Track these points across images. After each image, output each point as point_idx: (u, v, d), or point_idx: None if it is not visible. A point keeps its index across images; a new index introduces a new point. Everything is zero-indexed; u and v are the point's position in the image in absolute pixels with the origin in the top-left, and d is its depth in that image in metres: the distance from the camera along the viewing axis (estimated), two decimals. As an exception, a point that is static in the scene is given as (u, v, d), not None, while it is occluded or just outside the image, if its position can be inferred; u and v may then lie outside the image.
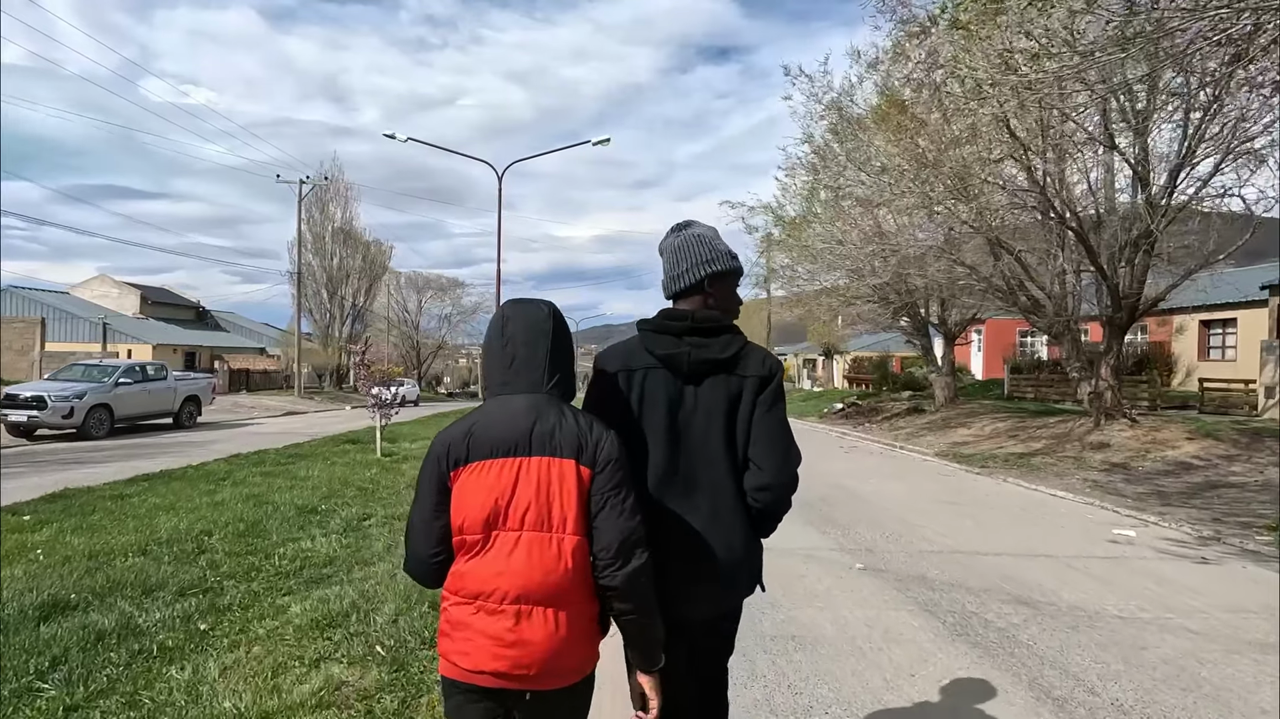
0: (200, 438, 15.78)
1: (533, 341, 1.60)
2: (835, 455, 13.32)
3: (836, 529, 6.67)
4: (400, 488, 7.55)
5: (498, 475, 1.49)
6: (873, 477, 10.43)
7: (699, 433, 1.77)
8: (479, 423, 1.54)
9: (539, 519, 1.48)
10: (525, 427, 1.51)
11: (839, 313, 19.03)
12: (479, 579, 1.48)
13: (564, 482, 1.49)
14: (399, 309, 56.30)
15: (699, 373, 1.78)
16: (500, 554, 1.47)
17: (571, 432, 1.52)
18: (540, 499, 1.48)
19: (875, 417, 20.87)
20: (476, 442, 1.51)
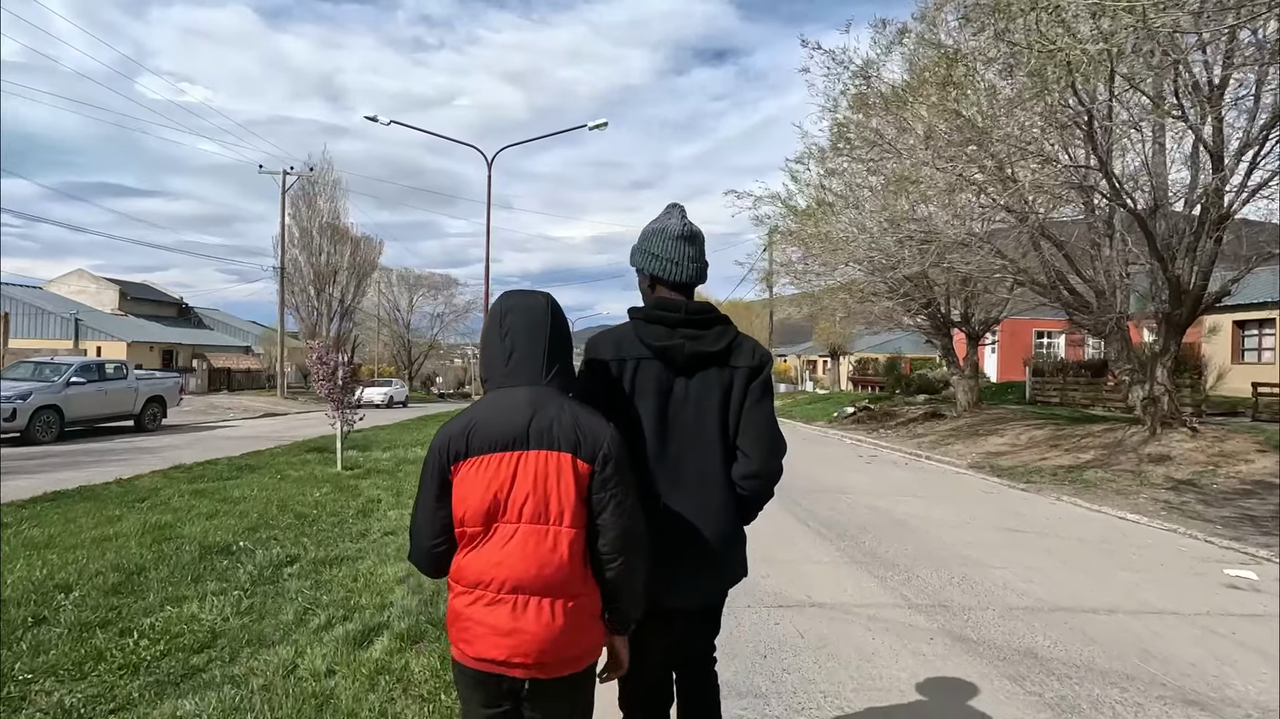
0: (158, 443, 14.36)
1: (532, 334, 1.61)
2: (856, 467, 11.97)
3: (893, 572, 5.31)
4: (349, 515, 6.16)
5: (497, 469, 1.51)
6: (908, 495, 9.07)
7: (690, 423, 1.80)
8: (479, 417, 1.56)
9: (536, 511, 1.51)
10: (524, 420, 1.53)
11: (854, 311, 17.65)
12: (477, 569, 1.52)
13: (561, 475, 1.52)
14: (390, 308, 54.82)
15: (693, 365, 1.80)
16: (497, 545, 1.51)
17: (570, 425, 1.54)
18: (538, 492, 1.51)
19: (889, 422, 19.55)
20: (476, 436, 1.53)
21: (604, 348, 1.81)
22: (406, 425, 18.67)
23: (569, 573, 1.51)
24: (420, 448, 12.20)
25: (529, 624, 1.49)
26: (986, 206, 11.08)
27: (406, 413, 29.29)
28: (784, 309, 25.09)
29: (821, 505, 8.05)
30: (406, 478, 8.26)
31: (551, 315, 1.64)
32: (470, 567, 1.53)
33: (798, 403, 29.48)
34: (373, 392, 34.75)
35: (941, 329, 17.52)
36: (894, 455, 14.04)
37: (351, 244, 44.13)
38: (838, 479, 10.37)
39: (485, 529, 1.51)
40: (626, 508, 1.55)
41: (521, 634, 1.49)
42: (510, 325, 1.62)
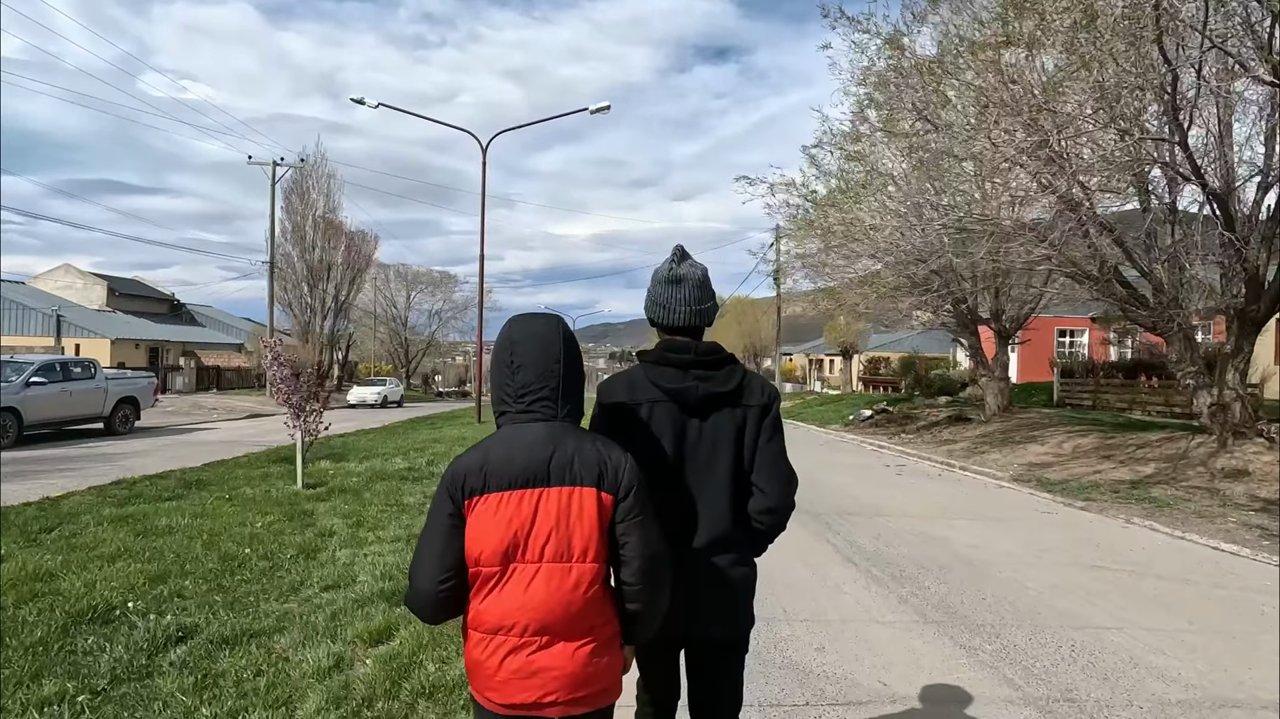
0: (123, 449, 13.22)
1: (544, 366, 1.56)
2: (887, 480, 10.76)
3: (981, 637, 4.10)
4: (288, 556, 4.94)
5: (516, 507, 1.48)
6: (957, 517, 7.86)
7: (703, 464, 1.81)
8: (494, 452, 1.52)
9: (559, 550, 1.47)
10: (543, 457, 1.50)
11: (876, 307, 16.40)
12: (498, 613, 1.48)
13: (584, 511, 1.49)
14: (387, 304, 53.61)
15: (706, 405, 1.82)
16: (519, 587, 1.47)
17: (591, 459, 1.51)
18: (560, 530, 1.47)
19: (910, 425, 18.33)
20: (493, 472, 1.49)
21: (617, 392, 1.84)
22: (394, 429, 17.47)
23: (594, 610, 1.50)
24: (403, 458, 11.01)
25: (557, 662, 1.47)
26: (1034, 190, 9.86)
27: (400, 413, 28.10)
28: (797, 305, 23.86)
29: (862, 533, 6.84)
30: (373, 501, 7.07)
31: (564, 345, 1.59)
32: (491, 611, 1.48)
33: (808, 404, 28.24)
34: (366, 391, 33.61)
35: (968, 326, 16.29)
36: (923, 465, 12.83)
37: (346, 239, 42.96)
38: (871, 496, 9.16)
39: (502, 569, 1.48)
40: (651, 537, 1.54)
41: (549, 673, 1.47)
42: (520, 358, 1.56)
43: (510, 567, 1.46)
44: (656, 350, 1.86)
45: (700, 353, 1.82)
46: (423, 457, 11.07)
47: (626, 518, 1.50)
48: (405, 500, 7.12)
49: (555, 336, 1.59)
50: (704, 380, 1.81)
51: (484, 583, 1.48)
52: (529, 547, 1.46)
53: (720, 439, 1.81)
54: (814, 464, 12.73)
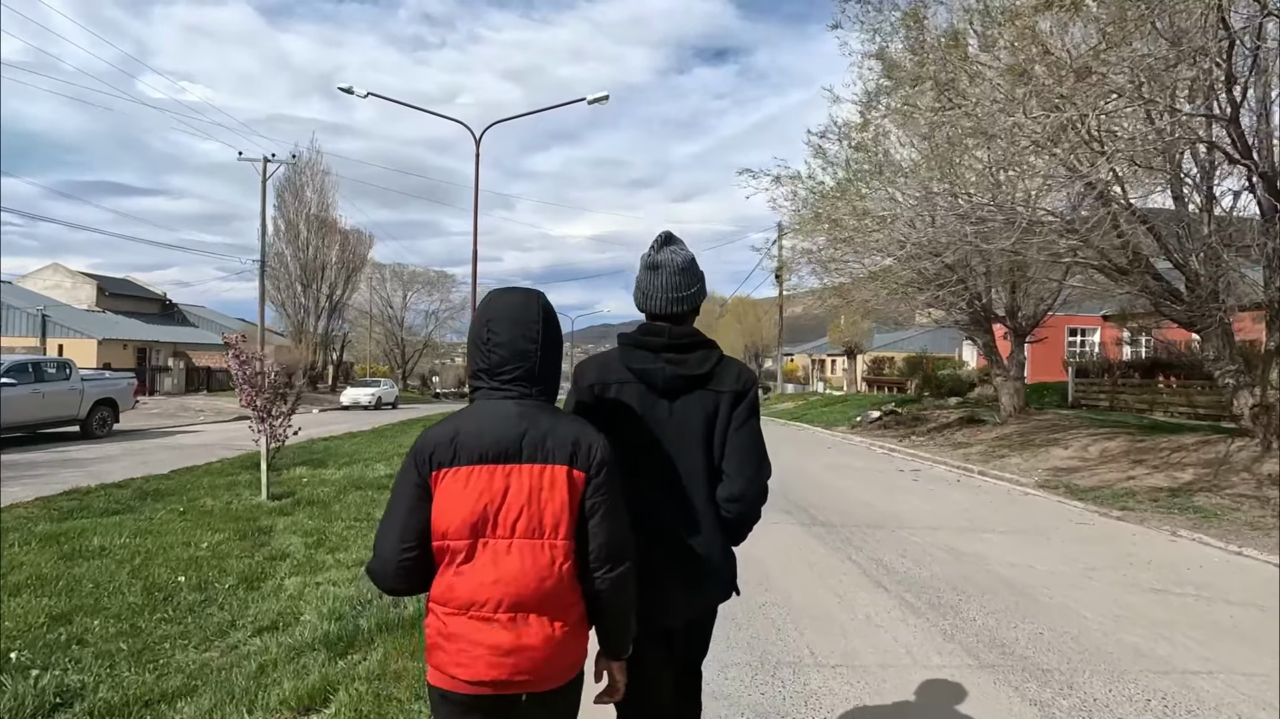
0: (94, 454, 12.53)
1: (521, 340, 1.53)
2: (903, 486, 10.06)
3: (1053, 688, 3.39)
4: (227, 586, 4.22)
5: (488, 482, 1.46)
6: (986, 530, 7.16)
7: (672, 447, 1.80)
8: (466, 426, 1.49)
9: (530, 526, 1.46)
10: (516, 433, 1.48)
11: (887, 304, 15.68)
12: (469, 588, 1.45)
13: (555, 488, 1.47)
14: (382, 304, 52.96)
15: (674, 388, 1.80)
16: (492, 562, 1.45)
17: (565, 436, 1.50)
18: (532, 506, 1.46)
19: (920, 427, 17.63)
20: (464, 446, 1.47)
21: (588, 373, 1.84)
22: (383, 432, 16.75)
23: (565, 585, 1.48)
24: (385, 464, 10.30)
25: (532, 640, 1.45)
26: (1062, 176, 9.16)
27: (394, 415, 27.38)
28: (800, 304, 23.15)
29: (888, 549, 6.14)
30: (342, 514, 6.36)
31: (542, 320, 1.56)
32: (461, 585, 1.45)
33: (812, 405, 27.52)
34: (360, 392, 32.88)
35: (981, 324, 15.59)
36: (939, 470, 12.12)
37: (340, 237, 42.26)
38: (889, 504, 8.46)
39: (471, 544, 1.45)
40: (618, 513, 1.53)
41: (524, 652, 1.44)
42: (497, 330, 1.53)
43: (480, 541, 1.45)
44: (634, 333, 1.86)
45: (674, 336, 1.82)
46: (407, 462, 10.36)
47: (595, 495, 1.50)
48: (377, 514, 6.42)
49: (533, 313, 1.54)
50: (673, 363, 1.80)
51: (453, 557, 1.46)
52: (499, 521, 1.45)
53: (689, 424, 1.80)
54: (822, 468, 12.03)
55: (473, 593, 1.44)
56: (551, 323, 1.58)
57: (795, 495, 8.90)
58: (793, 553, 5.96)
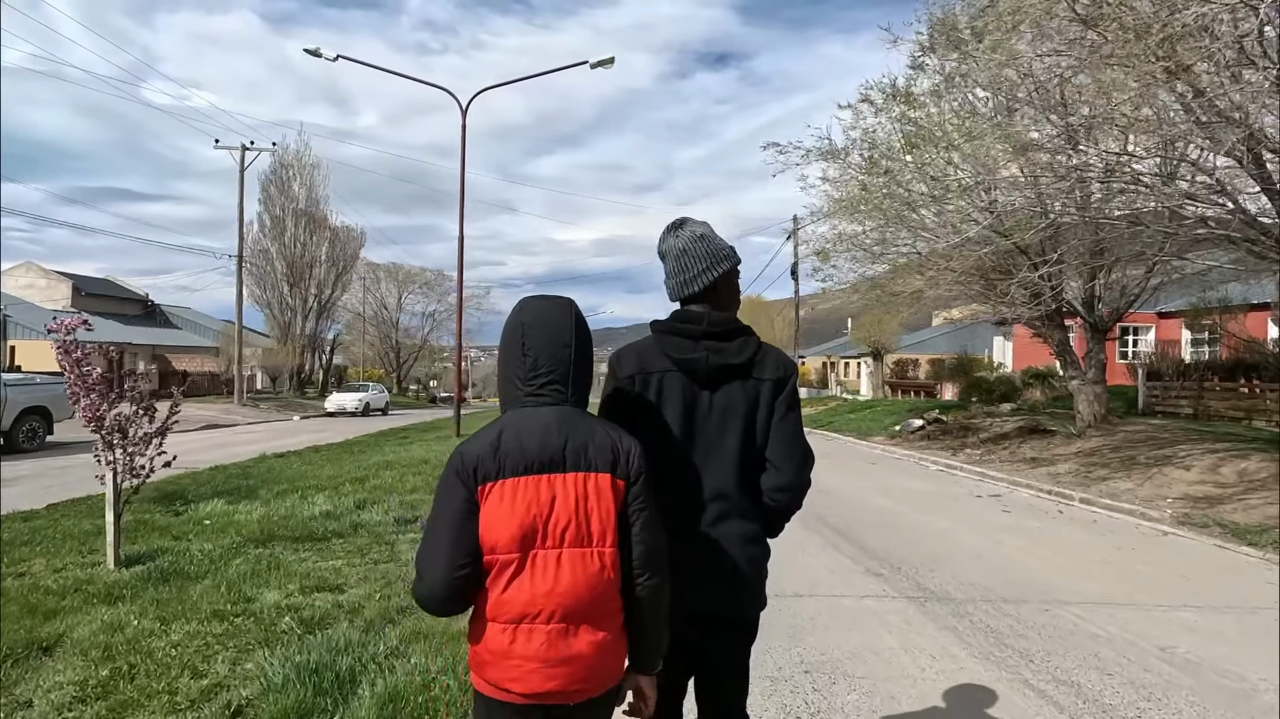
0: (6, 472, 10.40)
1: (556, 347, 1.53)
2: (997, 521, 7.76)
3: None
4: None
5: (535, 493, 1.45)
6: (1172, 603, 4.83)
7: (713, 437, 1.78)
8: (506, 437, 1.48)
9: (579, 535, 1.45)
10: (558, 442, 1.48)
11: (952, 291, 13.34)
12: (524, 601, 1.44)
13: (600, 495, 1.48)
14: (377, 305, 50.80)
15: (716, 378, 1.78)
16: (545, 573, 1.44)
17: (605, 444, 1.51)
18: (580, 515, 1.46)
19: (970, 438, 15.31)
20: (508, 457, 1.46)
21: (627, 363, 1.80)
22: (353, 446, 14.44)
23: (613, 593, 1.49)
24: (332, 492, 8.00)
25: (583, 648, 1.45)
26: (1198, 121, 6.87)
27: (382, 422, 25.13)
28: (827, 301, 20.82)
29: (1062, 653, 3.82)
30: (204, 599, 3.99)
31: (576, 328, 1.57)
32: (514, 599, 1.45)
33: (835, 411, 25.18)
34: (345, 398, 30.63)
35: (1053, 319, 13.29)
36: (1024, 494, 9.82)
37: (330, 234, 40.08)
38: (997, 552, 6.16)
39: (522, 556, 1.44)
40: (656, 521, 1.53)
41: (578, 661, 1.45)
42: (532, 340, 1.53)
43: (530, 553, 1.45)
44: (669, 320, 1.82)
45: (713, 323, 1.77)
46: (360, 491, 8.07)
47: (635, 503, 1.50)
48: (264, 597, 4.09)
49: (567, 320, 1.56)
50: (715, 352, 1.77)
51: (502, 570, 1.45)
52: (548, 532, 1.45)
53: (730, 413, 1.78)
54: (877, 490, 9.71)
55: (525, 605, 1.44)
56: (584, 330, 1.59)
57: (863, 537, 6.60)
58: (931, 672, 3.64)
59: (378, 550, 5.41)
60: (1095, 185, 7.45)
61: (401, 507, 7.00)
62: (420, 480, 8.46)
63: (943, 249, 11.47)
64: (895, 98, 12.26)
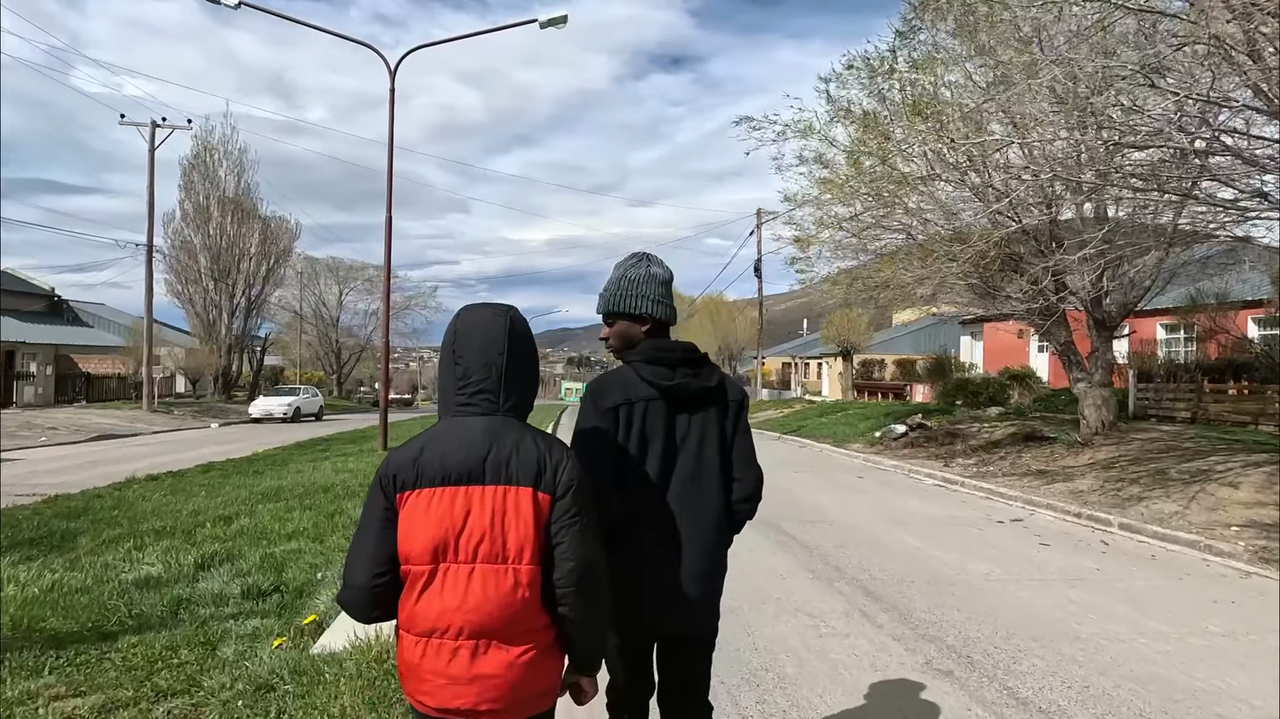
0: None
1: (487, 356, 1.49)
2: (1040, 560, 6.21)
3: None
4: None
5: (449, 505, 1.42)
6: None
7: (692, 458, 1.90)
8: (429, 446, 1.46)
9: (493, 551, 1.41)
10: (479, 453, 1.44)
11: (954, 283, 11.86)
12: (431, 615, 1.41)
13: (520, 511, 1.43)
14: (315, 303, 47.58)
15: (698, 402, 1.92)
16: (454, 588, 1.40)
17: (530, 457, 1.46)
18: (495, 530, 1.41)
19: (960, 445, 13.97)
20: (426, 466, 1.44)
21: (612, 393, 1.86)
22: (257, 463, 12.14)
23: (530, 611, 1.43)
24: (180, 539, 5.93)
25: (493, 668, 1.41)
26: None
27: (313, 429, 22.62)
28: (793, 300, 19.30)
29: None
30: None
31: (511, 335, 1.52)
32: (424, 613, 1.41)
33: (804, 415, 23.74)
34: (272, 402, 27.92)
35: (1054, 313, 11.99)
36: (1048, 518, 8.37)
37: (261, 225, 36.97)
38: (1084, 623, 4.53)
39: (432, 569, 1.40)
40: (586, 537, 1.47)
41: (487, 680, 1.40)
42: (464, 347, 1.50)
43: (441, 566, 1.41)
44: (645, 350, 1.91)
45: (686, 350, 1.94)
46: (217, 539, 5.98)
47: (561, 518, 1.45)
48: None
49: (501, 326, 1.52)
50: (693, 378, 1.90)
51: (414, 582, 1.42)
52: (460, 546, 1.41)
53: (708, 434, 1.92)
54: (877, 515, 8.07)
55: (435, 620, 1.40)
56: (521, 334, 1.54)
57: (898, 598, 4.89)
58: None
59: (189, 660, 3.43)
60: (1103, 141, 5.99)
61: (263, 567, 5.02)
62: (308, 520, 6.45)
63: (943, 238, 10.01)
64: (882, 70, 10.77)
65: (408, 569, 1.40)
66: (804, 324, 74.26)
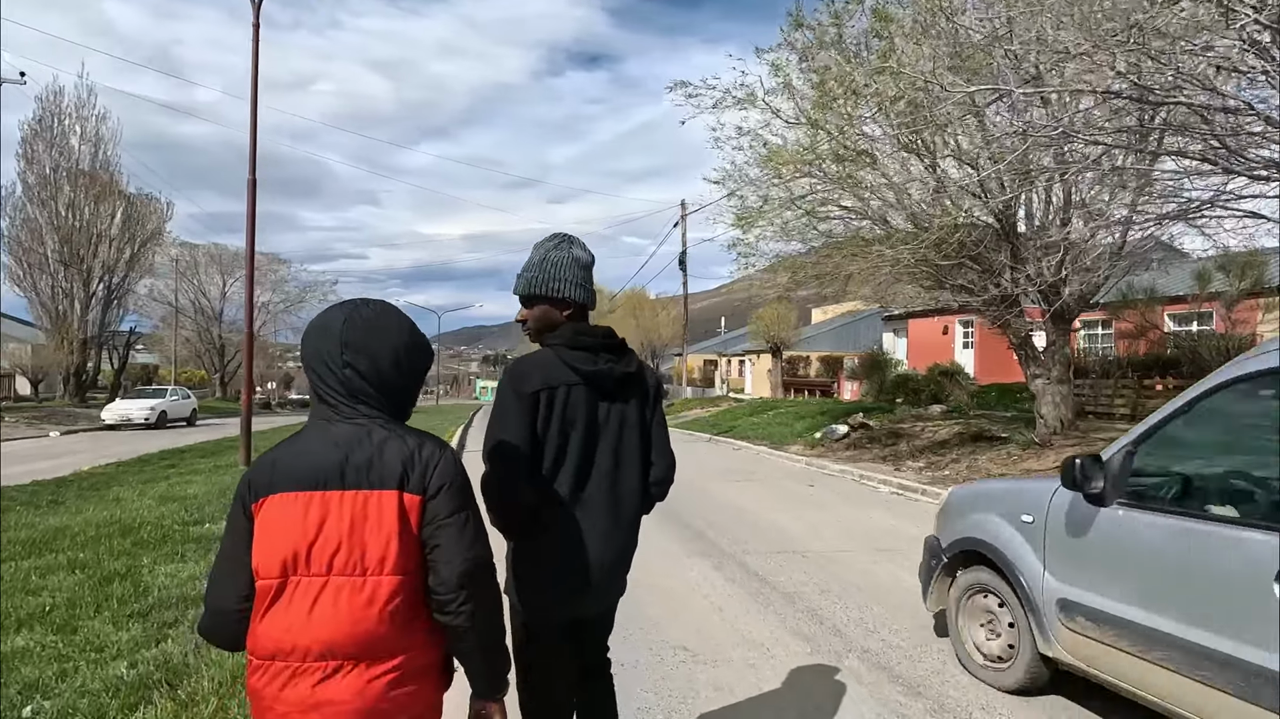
0: None
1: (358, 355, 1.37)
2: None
3: None
4: None
5: (302, 513, 1.29)
6: None
7: (614, 444, 1.91)
8: (288, 450, 1.36)
9: (350, 562, 1.28)
10: (338, 457, 1.32)
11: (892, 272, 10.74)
12: (275, 636, 1.28)
13: (382, 517, 1.30)
14: (195, 293, 42.71)
15: (620, 388, 1.92)
16: (301, 604, 1.27)
17: (396, 458, 1.33)
18: (353, 539, 1.29)
19: (904, 446, 13.04)
20: (282, 471, 1.32)
21: (531, 378, 1.83)
22: (71, 485, 9.46)
23: (391, 628, 1.29)
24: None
25: (342, 694, 1.26)
26: None
27: (178, 437, 19.36)
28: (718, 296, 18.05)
29: None
30: None
31: (390, 332, 1.41)
32: (267, 634, 1.28)
33: (733, 414, 22.56)
34: (131, 406, 24.23)
35: (1015, 305, 11.14)
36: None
37: (125, 203, 32.40)
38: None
39: (281, 583, 1.28)
40: (468, 541, 1.35)
41: (331, 708, 1.25)
42: (331, 345, 1.37)
43: (290, 580, 1.28)
44: (566, 334, 1.89)
45: (607, 335, 1.93)
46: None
47: (434, 520, 1.33)
48: None
49: (375, 324, 1.40)
50: (615, 363, 1.90)
51: (263, 598, 1.29)
52: (313, 558, 1.28)
53: (628, 421, 1.94)
54: (850, 538, 6.61)
55: (278, 641, 1.27)
56: (397, 331, 1.42)
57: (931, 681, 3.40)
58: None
59: None
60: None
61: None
62: (67, 591, 4.30)
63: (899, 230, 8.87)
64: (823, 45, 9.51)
65: (258, 583, 1.28)
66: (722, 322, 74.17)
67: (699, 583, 5.27)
